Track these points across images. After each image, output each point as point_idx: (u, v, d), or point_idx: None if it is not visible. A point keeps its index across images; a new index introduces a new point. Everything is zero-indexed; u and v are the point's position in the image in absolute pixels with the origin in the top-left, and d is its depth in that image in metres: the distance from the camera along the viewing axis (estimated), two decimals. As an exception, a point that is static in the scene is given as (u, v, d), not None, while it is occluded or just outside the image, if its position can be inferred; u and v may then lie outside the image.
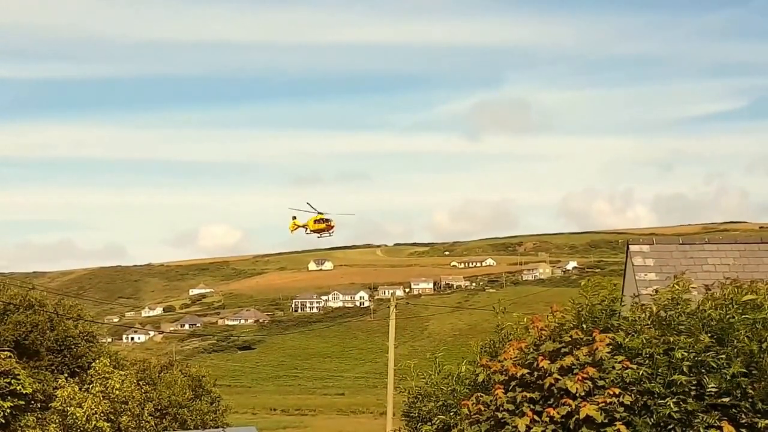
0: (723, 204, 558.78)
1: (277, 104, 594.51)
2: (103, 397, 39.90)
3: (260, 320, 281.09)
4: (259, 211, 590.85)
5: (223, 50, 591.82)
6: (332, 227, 76.12)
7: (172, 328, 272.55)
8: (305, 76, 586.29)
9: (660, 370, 11.89)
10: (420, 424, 16.37)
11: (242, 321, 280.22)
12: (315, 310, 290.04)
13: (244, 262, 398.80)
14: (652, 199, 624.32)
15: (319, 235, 76.96)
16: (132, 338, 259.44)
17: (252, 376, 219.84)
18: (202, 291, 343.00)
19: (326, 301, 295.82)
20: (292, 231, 76.39)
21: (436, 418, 14.70)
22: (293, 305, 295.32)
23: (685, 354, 11.81)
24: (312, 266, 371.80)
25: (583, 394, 11.87)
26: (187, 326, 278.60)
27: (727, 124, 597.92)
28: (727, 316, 12.16)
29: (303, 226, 75.71)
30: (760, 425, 11.37)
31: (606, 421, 11.60)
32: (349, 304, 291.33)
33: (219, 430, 43.37)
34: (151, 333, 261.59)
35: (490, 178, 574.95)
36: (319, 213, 74.90)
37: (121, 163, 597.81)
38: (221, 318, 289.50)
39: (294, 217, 75.82)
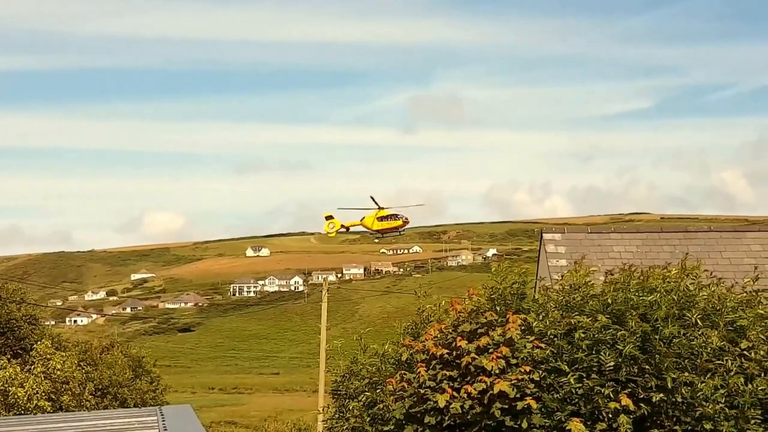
0: (631, 196, 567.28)
1: (221, 97, 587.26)
2: (44, 377, 39.19)
3: (199, 304, 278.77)
4: (202, 199, 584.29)
5: (167, 45, 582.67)
6: (407, 222, 63.81)
7: (114, 312, 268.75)
8: (248, 70, 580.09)
9: (564, 349, 12.15)
10: (348, 400, 16.38)
11: (182, 304, 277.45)
12: (252, 294, 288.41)
13: (185, 249, 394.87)
14: (569, 190, 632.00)
15: (382, 234, 64.94)
16: (75, 321, 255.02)
17: (191, 357, 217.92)
18: (144, 276, 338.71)
19: (263, 285, 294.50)
20: (331, 234, 64.70)
21: (362, 395, 14.75)
22: (231, 289, 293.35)
23: (584, 334, 12.08)
24: (249, 253, 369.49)
25: (497, 371, 12.03)
26: (128, 309, 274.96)
27: (637, 121, 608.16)
28: (624, 299, 12.45)
29: (347, 227, 63.68)
30: (654, 399, 11.66)
31: (518, 396, 11.80)
32: (285, 289, 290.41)
33: (156, 408, 42.88)
34: (94, 316, 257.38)
35: (422, 169, 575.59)
36: (380, 209, 63.06)
37: (70, 153, 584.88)
38: (162, 302, 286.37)
39: (330, 217, 64.43)
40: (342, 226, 63.40)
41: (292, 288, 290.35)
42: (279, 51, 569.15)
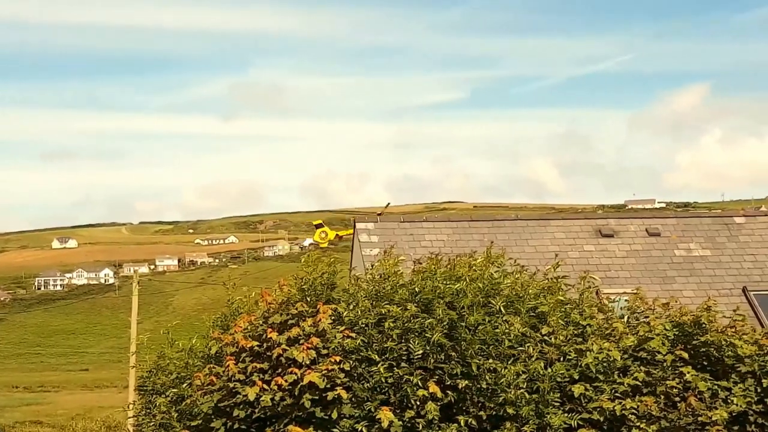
0: (447, 185, 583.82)
1: (24, 83, 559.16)
2: None
3: (1, 299, 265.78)
4: (3, 188, 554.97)
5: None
6: None
7: None
8: (55, 55, 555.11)
9: (374, 339, 12.27)
10: (155, 396, 16.01)
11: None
12: (59, 288, 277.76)
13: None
14: (387, 179, 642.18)
15: None
16: None
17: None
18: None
19: (70, 278, 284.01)
20: (323, 244, 59.78)
21: (169, 391, 14.45)
22: (36, 283, 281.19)
23: (393, 323, 12.25)
24: (55, 244, 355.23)
25: (308, 362, 12.01)
26: None
27: (453, 112, 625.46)
28: (432, 287, 12.70)
29: (342, 236, 59.65)
30: (460, 386, 11.94)
31: (328, 386, 11.82)
32: (94, 282, 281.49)
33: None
34: None
35: (241, 158, 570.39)
36: (378, 215, 60.16)
37: None
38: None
39: (320, 225, 59.87)
40: (336, 235, 60.22)
41: (102, 281, 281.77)
42: (88, 34, 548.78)
